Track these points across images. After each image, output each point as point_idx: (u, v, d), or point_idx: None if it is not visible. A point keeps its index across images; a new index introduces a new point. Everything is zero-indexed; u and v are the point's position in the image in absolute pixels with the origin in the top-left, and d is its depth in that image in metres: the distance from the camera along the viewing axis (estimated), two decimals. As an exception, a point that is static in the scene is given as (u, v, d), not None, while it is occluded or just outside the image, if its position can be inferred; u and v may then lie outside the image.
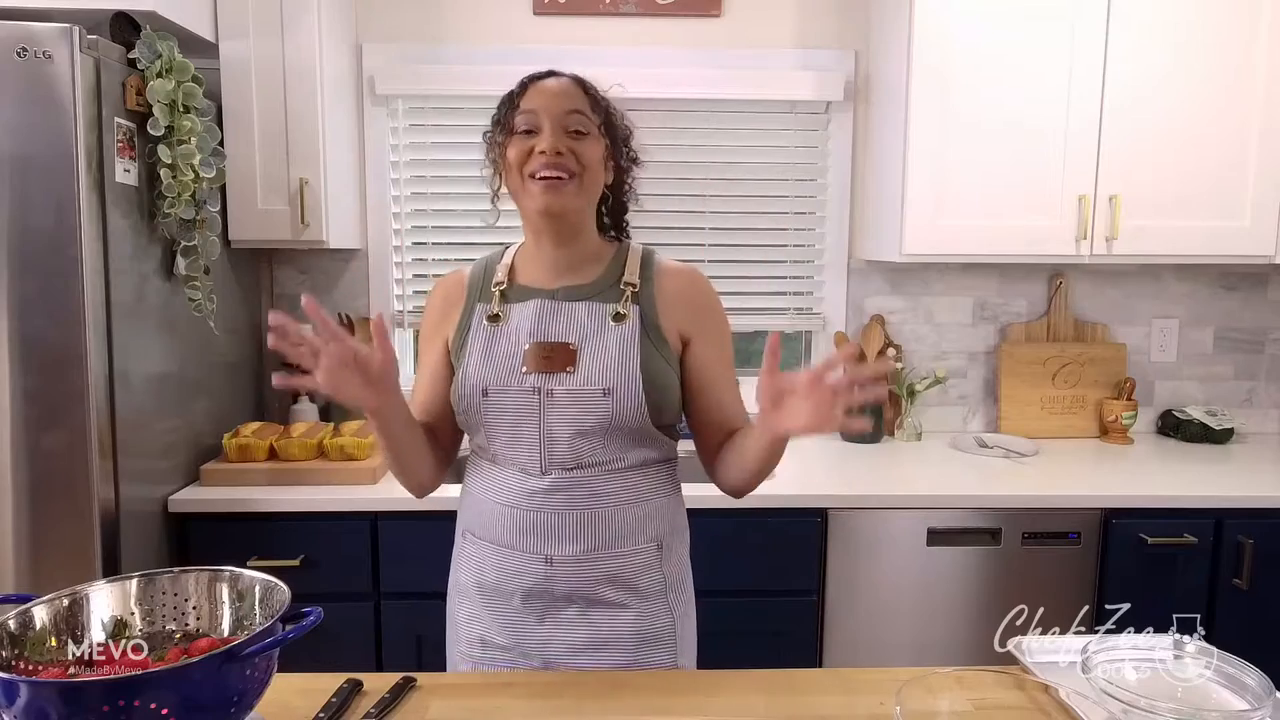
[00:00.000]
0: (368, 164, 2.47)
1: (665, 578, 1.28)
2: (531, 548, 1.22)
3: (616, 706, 1.04)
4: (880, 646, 2.02)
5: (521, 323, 1.25)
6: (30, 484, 1.71)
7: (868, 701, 1.06)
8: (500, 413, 1.22)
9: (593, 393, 1.20)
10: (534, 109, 1.21)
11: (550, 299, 1.26)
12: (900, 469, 2.24)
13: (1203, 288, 2.62)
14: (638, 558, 1.25)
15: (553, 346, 1.22)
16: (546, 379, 1.21)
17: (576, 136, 1.21)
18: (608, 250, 1.32)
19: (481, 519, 1.27)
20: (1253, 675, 0.99)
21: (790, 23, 2.48)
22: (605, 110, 1.27)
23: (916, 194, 2.18)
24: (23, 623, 0.88)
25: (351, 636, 1.97)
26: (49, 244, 1.66)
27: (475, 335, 1.27)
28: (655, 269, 1.30)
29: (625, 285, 1.27)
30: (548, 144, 1.19)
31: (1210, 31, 2.15)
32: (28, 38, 1.62)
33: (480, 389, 1.23)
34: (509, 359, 1.23)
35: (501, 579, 1.24)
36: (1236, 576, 1.99)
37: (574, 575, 1.22)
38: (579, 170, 1.21)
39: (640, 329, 1.24)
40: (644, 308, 1.26)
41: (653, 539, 1.27)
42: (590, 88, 1.27)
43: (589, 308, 1.25)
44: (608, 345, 1.22)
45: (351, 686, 1.06)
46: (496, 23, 2.44)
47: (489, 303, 1.28)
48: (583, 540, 1.22)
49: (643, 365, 1.21)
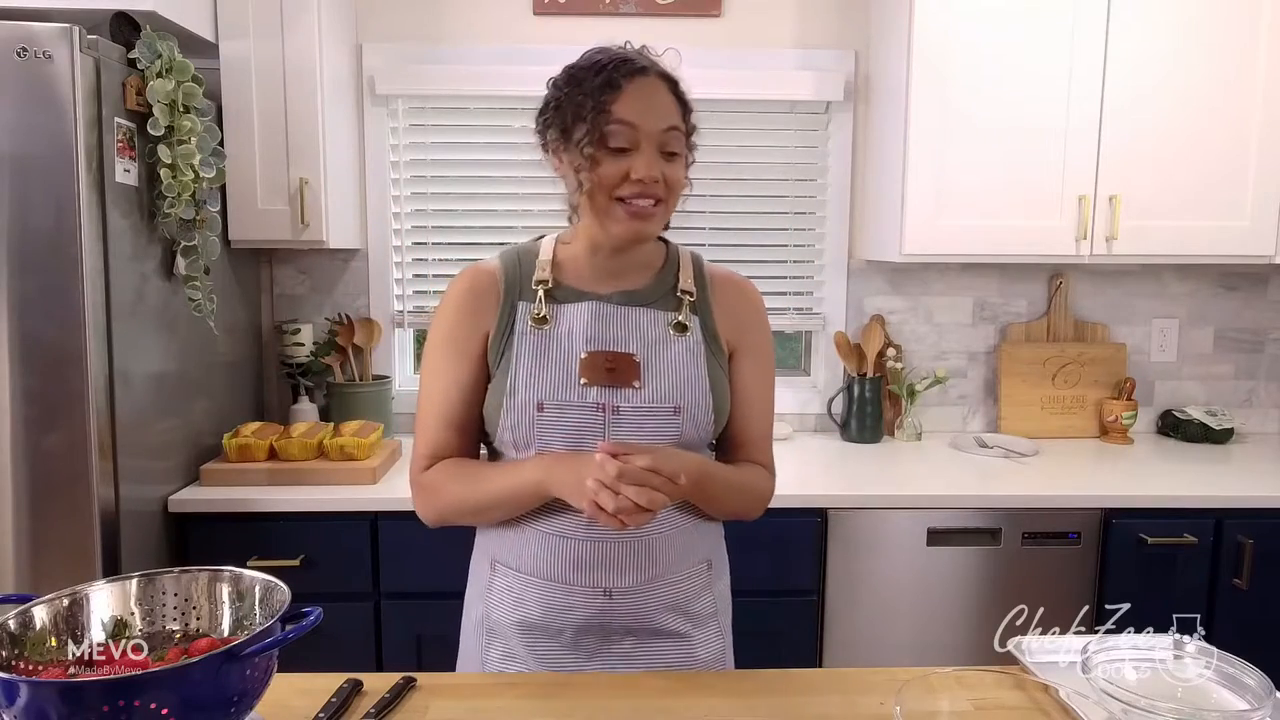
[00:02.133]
0: (368, 164, 2.47)
1: (716, 599, 1.23)
2: (589, 581, 1.13)
3: (617, 706, 1.04)
4: (880, 646, 2.02)
5: (574, 327, 1.14)
6: (30, 484, 1.71)
7: (868, 701, 1.06)
8: (557, 431, 1.11)
9: (664, 410, 1.12)
10: (633, 123, 1.08)
11: (606, 302, 1.16)
12: (900, 469, 2.24)
13: (1203, 288, 2.62)
14: (692, 581, 1.19)
15: (615, 357, 1.12)
16: (611, 394, 1.11)
17: (670, 159, 1.11)
18: (657, 254, 1.23)
19: (522, 551, 1.16)
20: (1253, 675, 0.98)
21: (790, 23, 2.48)
22: (688, 109, 1.15)
23: (916, 194, 2.18)
24: (23, 623, 0.87)
25: (351, 636, 1.97)
26: (49, 244, 1.66)
27: (521, 338, 1.14)
28: (708, 276, 1.23)
29: (683, 293, 1.19)
30: (645, 173, 1.08)
31: (1210, 31, 2.15)
32: (28, 38, 1.62)
33: (534, 403, 1.11)
34: (564, 368, 1.12)
35: (549, 616, 1.14)
36: (1236, 576, 1.99)
37: (633, 607, 1.14)
38: (665, 196, 1.11)
39: (703, 341, 1.17)
40: (703, 317, 1.19)
41: (704, 559, 1.21)
42: (679, 89, 1.14)
43: (648, 315, 1.16)
44: (675, 358, 1.15)
45: (351, 686, 1.06)
46: (496, 23, 2.44)
47: (532, 302, 1.16)
48: (643, 569, 1.14)
49: (710, 380, 1.15)
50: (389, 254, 2.51)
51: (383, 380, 2.43)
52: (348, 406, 2.34)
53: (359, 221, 2.47)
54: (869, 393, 2.48)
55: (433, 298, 2.53)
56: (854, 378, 2.50)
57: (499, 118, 2.48)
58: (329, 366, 2.40)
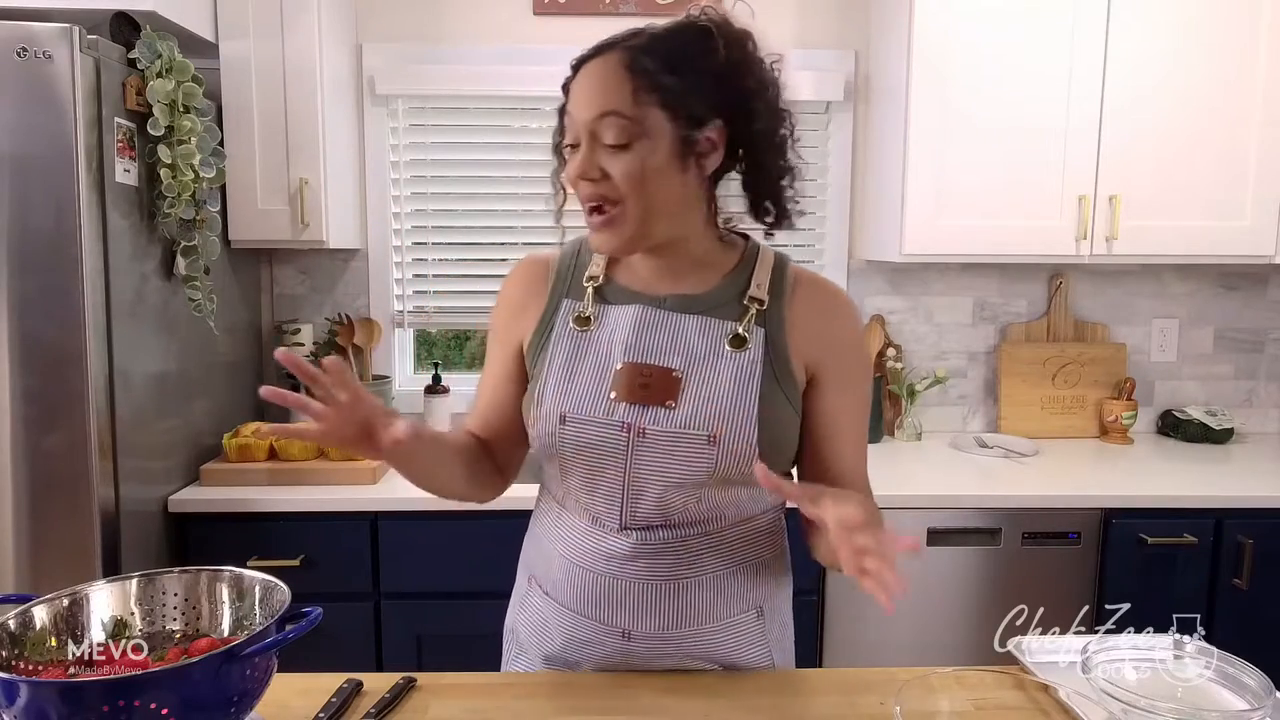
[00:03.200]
0: (368, 164, 2.47)
1: (770, 645, 1.09)
2: (606, 619, 1.03)
3: (617, 706, 1.04)
4: (880, 646, 2.02)
5: (616, 331, 1.02)
6: (30, 484, 1.71)
7: (868, 701, 1.05)
8: (578, 448, 1.00)
9: (695, 438, 0.97)
10: (572, 116, 0.96)
11: (657, 307, 1.03)
12: (900, 469, 2.24)
13: (1203, 288, 2.62)
14: (735, 631, 1.05)
15: (652, 371, 0.98)
16: (641, 412, 0.98)
17: (613, 151, 0.93)
18: (731, 254, 1.06)
19: (549, 572, 1.08)
20: (1253, 675, 0.98)
21: (790, 23, 2.48)
22: (691, 75, 0.95)
23: (916, 194, 2.18)
24: (23, 623, 0.87)
25: (351, 636, 1.97)
26: (49, 244, 1.66)
27: (559, 340, 1.03)
28: (789, 281, 1.05)
29: (751, 301, 1.02)
30: (571, 175, 0.94)
31: (1210, 31, 2.15)
32: (28, 38, 1.62)
33: (558, 414, 1.00)
34: (596, 379, 1.00)
35: (568, 648, 1.06)
36: (1236, 576, 1.99)
37: (656, 653, 1.04)
38: (620, 196, 0.94)
39: (764, 360, 1.00)
40: (770, 331, 1.01)
41: (753, 606, 1.07)
42: (655, 54, 0.94)
43: (701, 323, 1.01)
44: (720, 377, 0.98)
45: (351, 686, 1.06)
46: (496, 22, 2.44)
47: (579, 299, 1.05)
48: (669, 615, 1.02)
49: (761, 408, 0.98)
50: (389, 254, 2.51)
51: (383, 380, 2.43)
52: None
53: (359, 221, 2.47)
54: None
55: (433, 297, 2.53)
56: (854, 378, 2.49)
57: (499, 118, 2.48)
58: (329, 366, 2.39)
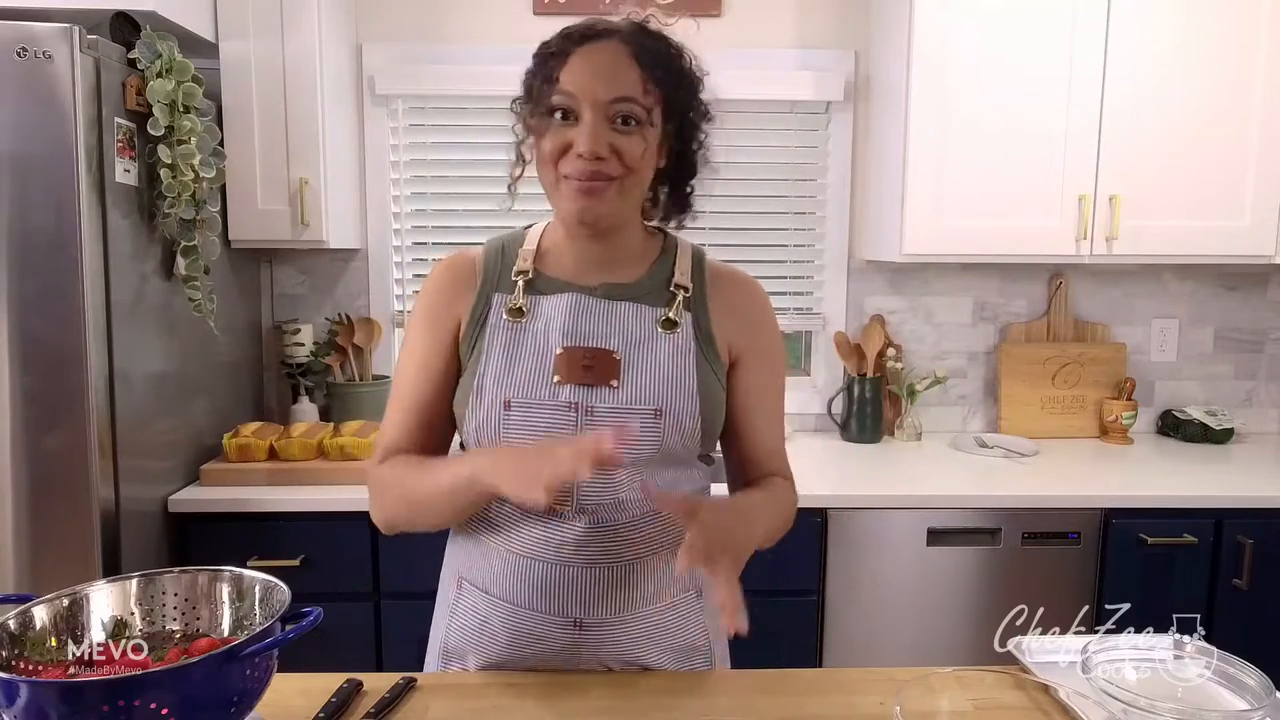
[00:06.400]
0: (368, 164, 2.47)
1: (710, 630, 1.14)
2: (557, 610, 1.04)
3: (617, 707, 1.04)
4: (880, 646, 2.02)
5: (551, 320, 1.06)
6: (30, 484, 1.71)
7: (868, 701, 1.06)
8: (525, 432, 1.02)
9: (643, 413, 1.02)
10: (572, 92, 0.99)
11: (589, 295, 1.07)
12: (900, 469, 2.24)
13: (1203, 288, 2.62)
14: (678, 610, 1.10)
15: (593, 353, 1.03)
16: (587, 393, 1.02)
17: (623, 130, 1.00)
18: (653, 245, 1.14)
19: (486, 569, 1.08)
20: (1253, 675, 0.98)
21: (790, 23, 2.48)
22: (672, 76, 1.04)
23: (916, 194, 2.18)
24: (23, 623, 0.87)
25: (351, 636, 1.97)
26: (49, 244, 1.66)
27: (494, 332, 1.06)
28: (709, 272, 1.14)
29: (677, 288, 1.09)
30: (586, 146, 0.98)
31: (1210, 31, 2.15)
32: (28, 38, 1.62)
33: (501, 401, 1.02)
34: (537, 365, 1.04)
35: (516, 643, 1.07)
36: (1236, 576, 1.99)
37: (607, 640, 1.06)
38: (621, 173, 1.01)
39: (694, 340, 1.07)
40: (696, 315, 1.09)
41: (692, 586, 1.12)
42: (651, 51, 1.02)
43: (633, 309, 1.07)
44: (658, 357, 1.05)
45: (351, 686, 1.06)
46: (496, 23, 2.44)
47: (510, 293, 1.08)
48: (617, 598, 1.05)
49: (698, 383, 1.05)
50: (389, 254, 2.51)
51: (383, 380, 2.43)
52: (348, 406, 2.34)
53: (359, 221, 2.47)
54: (869, 393, 2.48)
55: (433, 298, 2.53)
56: (854, 378, 2.50)
57: (499, 118, 2.43)
58: (329, 366, 2.40)
